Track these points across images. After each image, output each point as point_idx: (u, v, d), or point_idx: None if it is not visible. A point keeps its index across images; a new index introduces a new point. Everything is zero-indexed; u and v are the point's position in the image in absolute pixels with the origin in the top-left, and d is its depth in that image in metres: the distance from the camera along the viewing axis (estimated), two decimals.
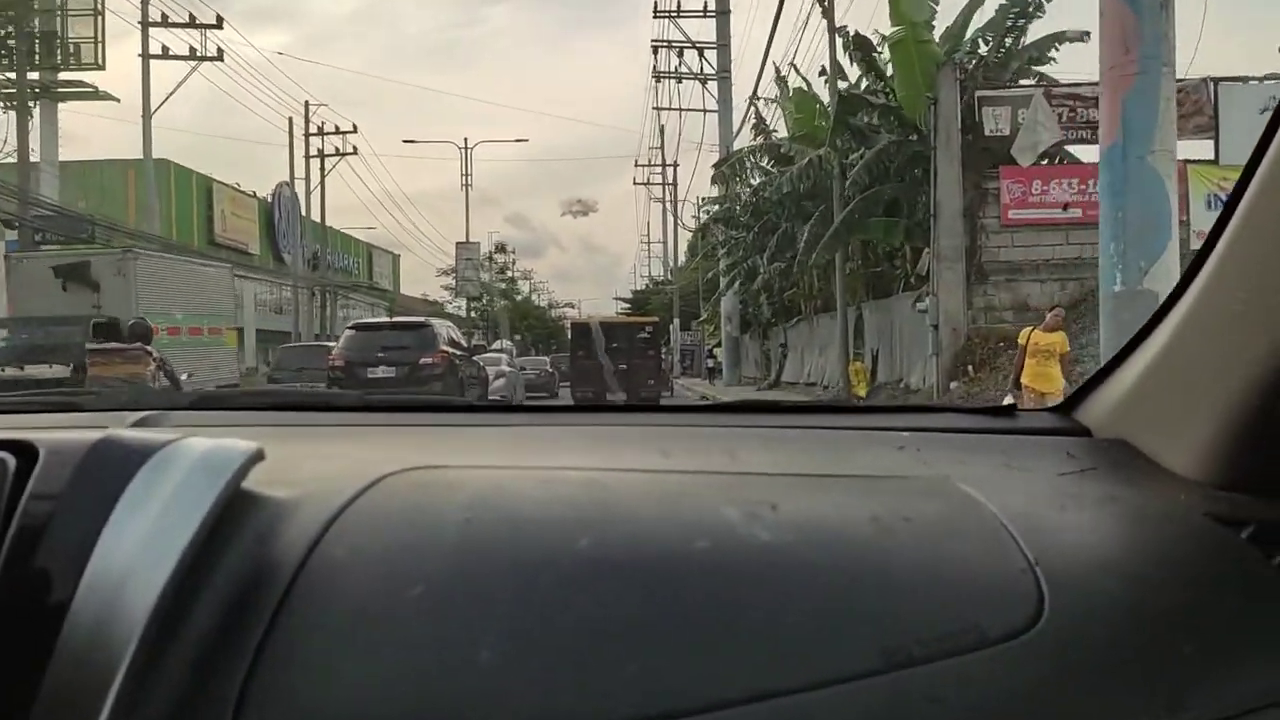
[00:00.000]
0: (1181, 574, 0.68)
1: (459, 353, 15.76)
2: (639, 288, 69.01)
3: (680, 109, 48.90)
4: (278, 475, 0.67)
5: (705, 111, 35.54)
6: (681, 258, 51.13)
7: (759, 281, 25.90)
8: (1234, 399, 0.75)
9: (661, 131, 48.18)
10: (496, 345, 42.09)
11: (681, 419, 1.27)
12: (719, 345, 34.69)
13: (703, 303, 41.39)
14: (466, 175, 57.10)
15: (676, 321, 47.39)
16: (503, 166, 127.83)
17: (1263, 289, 0.72)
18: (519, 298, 62.09)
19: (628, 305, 59.44)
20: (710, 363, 33.77)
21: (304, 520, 0.64)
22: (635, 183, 50.35)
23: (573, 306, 72.38)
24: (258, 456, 0.64)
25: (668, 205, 52.08)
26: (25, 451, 0.61)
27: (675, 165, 48.39)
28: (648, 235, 74.15)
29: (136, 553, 0.56)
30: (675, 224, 48.35)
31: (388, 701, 0.54)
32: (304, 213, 37.90)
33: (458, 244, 55.32)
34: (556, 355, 40.14)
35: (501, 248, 60.63)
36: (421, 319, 16.89)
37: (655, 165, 50.14)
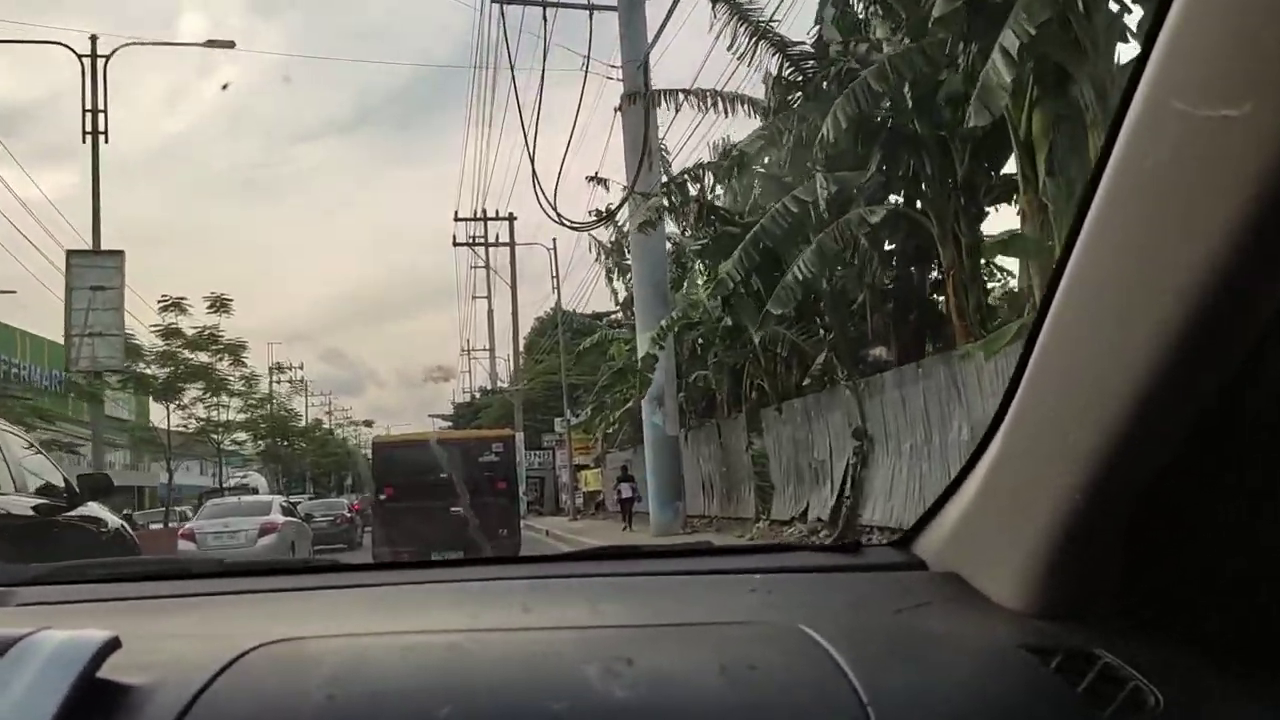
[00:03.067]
0: (996, 708, 0.72)
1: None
2: (462, 399, 55.81)
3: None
4: (134, 659, 0.65)
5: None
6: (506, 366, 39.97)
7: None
8: (1043, 532, 0.81)
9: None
10: (238, 481, 30.07)
11: (542, 569, 1.27)
12: (624, 465, 23.58)
13: (569, 405, 30.14)
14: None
15: (521, 436, 35.54)
16: (317, 302, 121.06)
17: (1061, 428, 0.77)
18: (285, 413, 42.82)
19: (449, 424, 46.41)
20: (625, 491, 22.26)
21: (159, 708, 0.62)
22: (455, 243, 38.64)
23: (369, 425, 57.79)
24: (113, 645, 0.63)
25: (493, 279, 41.59)
26: None
27: (512, 217, 37.40)
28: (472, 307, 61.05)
29: None
30: (515, 300, 36.85)
31: None
32: None
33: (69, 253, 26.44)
34: (366, 496, 27.76)
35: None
36: None
37: (480, 241, 39.10)
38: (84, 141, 20.41)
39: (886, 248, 13.75)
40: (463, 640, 0.78)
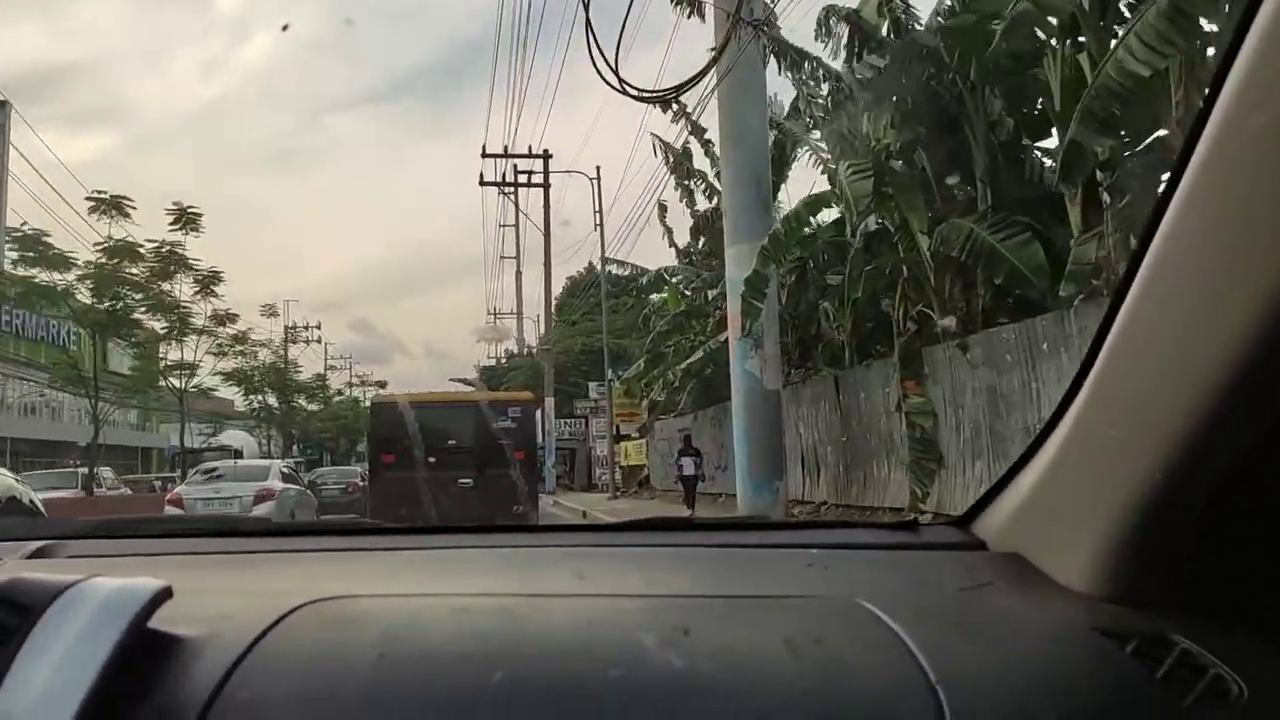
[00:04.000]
0: (1071, 691, 0.70)
1: None
2: (488, 363, 50.75)
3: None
4: (184, 611, 0.66)
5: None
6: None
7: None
8: (1116, 515, 0.80)
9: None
10: (222, 445, 25.54)
11: (595, 538, 1.31)
12: (685, 434, 18.41)
13: (610, 366, 25.18)
14: None
15: (551, 402, 30.56)
16: (346, 273, 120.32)
17: (1140, 410, 0.76)
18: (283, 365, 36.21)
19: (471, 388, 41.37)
20: (687, 466, 17.12)
21: (211, 660, 0.63)
22: (482, 182, 33.29)
23: (383, 385, 49.38)
24: (165, 594, 0.63)
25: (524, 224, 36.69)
26: None
27: (548, 155, 32.19)
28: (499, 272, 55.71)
29: (40, 699, 0.55)
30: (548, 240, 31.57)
31: None
32: None
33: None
34: None
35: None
36: None
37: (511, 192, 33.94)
38: None
39: None
40: (515, 604, 0.78)
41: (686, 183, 17.46)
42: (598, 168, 30.91)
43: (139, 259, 18.57)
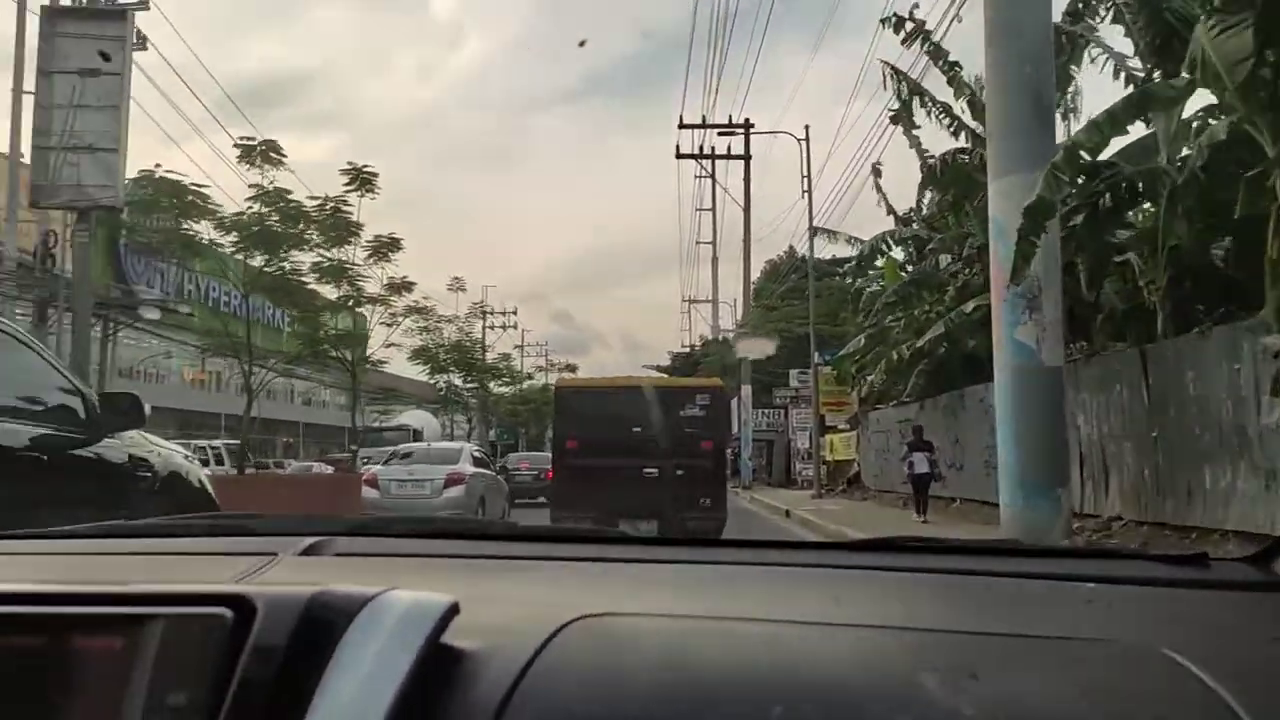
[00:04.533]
0: None
1: None
2: (683, 348, 48.59)
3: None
4: (464, 621, 0.68)
5: None
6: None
7: None
8: None
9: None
10: (401, 425, 24.32)
11: (841, 557, 1.19)
12: (916, 426, 15.54)
13: (816, 349, 22.36)
14: None
15: (747, 390, 27.90)
16: (548, 266, 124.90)
17: None
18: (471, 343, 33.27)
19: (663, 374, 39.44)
20: (918, 463, 14.25)
21: (493, 677, 0.65)
22: (679, 155, 30.95)
23: (573, 370, 48.01)
24: (454, 611, 0.66)
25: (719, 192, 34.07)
26: (242, 606, 0.62)
27: (749, 125, 29.46)
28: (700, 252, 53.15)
29: (348, 709, 0.58)
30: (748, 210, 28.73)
31: None
32: None
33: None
34: None
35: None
36: None
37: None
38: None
39: None
40: (782, 631, 0.76)
41: (916, 125, 14.42)
42: (806, 127, 27.53)
43: (306, 218, 16.93)
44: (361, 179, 17.45)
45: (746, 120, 30.05)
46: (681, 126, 30.59)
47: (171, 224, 16.67)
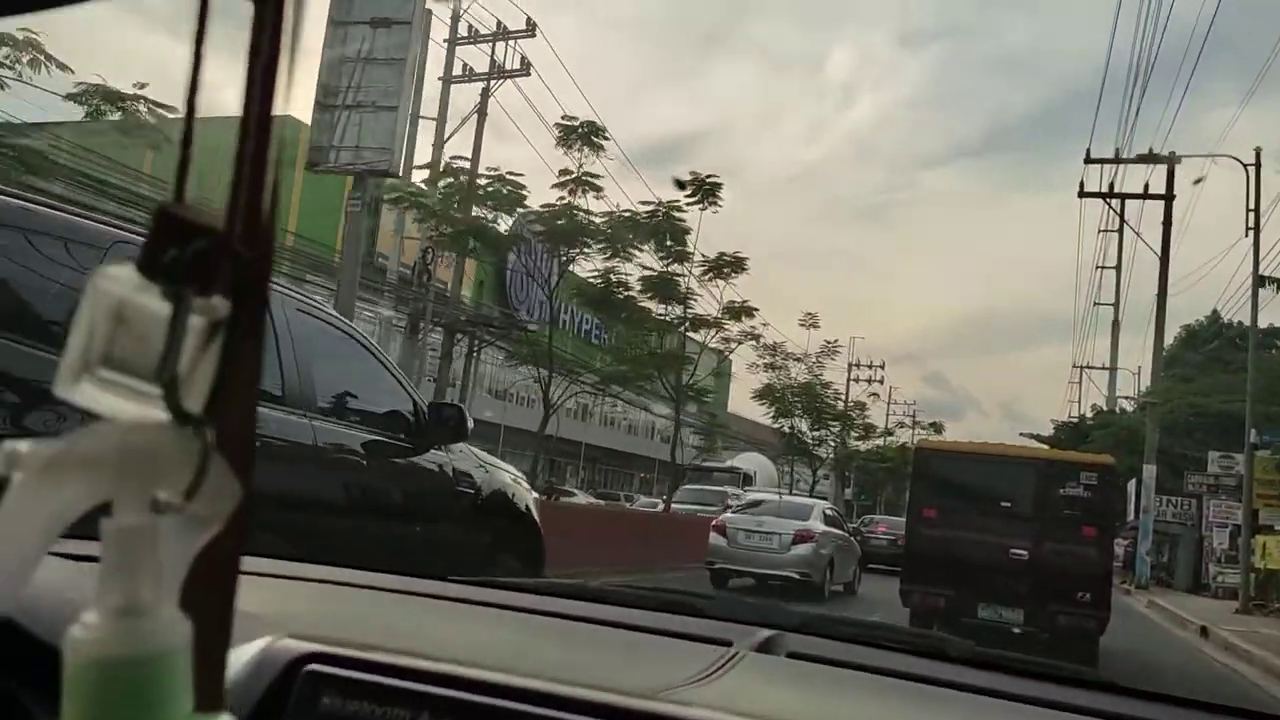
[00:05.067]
0: None
1: None
2: (1070, 418, 42.48)
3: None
4: None
5: None
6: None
7: None
8: None
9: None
10: (732, 467, 22.96)
11: None
12: None
13: (1252, 429, 18.02)
14: None
15: (1151, 472, 23.25)
16: (925, 326, 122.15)
17: None
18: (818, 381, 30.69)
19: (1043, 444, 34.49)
20: None
21: None
22: (1081, 194, 26.89)
23: (937, 429, 44.64)
24: None
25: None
26: None
27: (1174, 158, 24.93)
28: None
29: None
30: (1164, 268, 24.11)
31: None
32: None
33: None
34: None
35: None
36: None
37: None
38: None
39: None
40: None
41: None
42: (1257, 150, 22.56)
43: (636, 227, 15.61)
44: (704, 190, 15.96)
45: (1171, 153, 25.50)
46: (1088, 161, 26.70)
47: (487, 215, 15.91)
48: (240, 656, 0.68)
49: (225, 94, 0.36)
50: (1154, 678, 9.85)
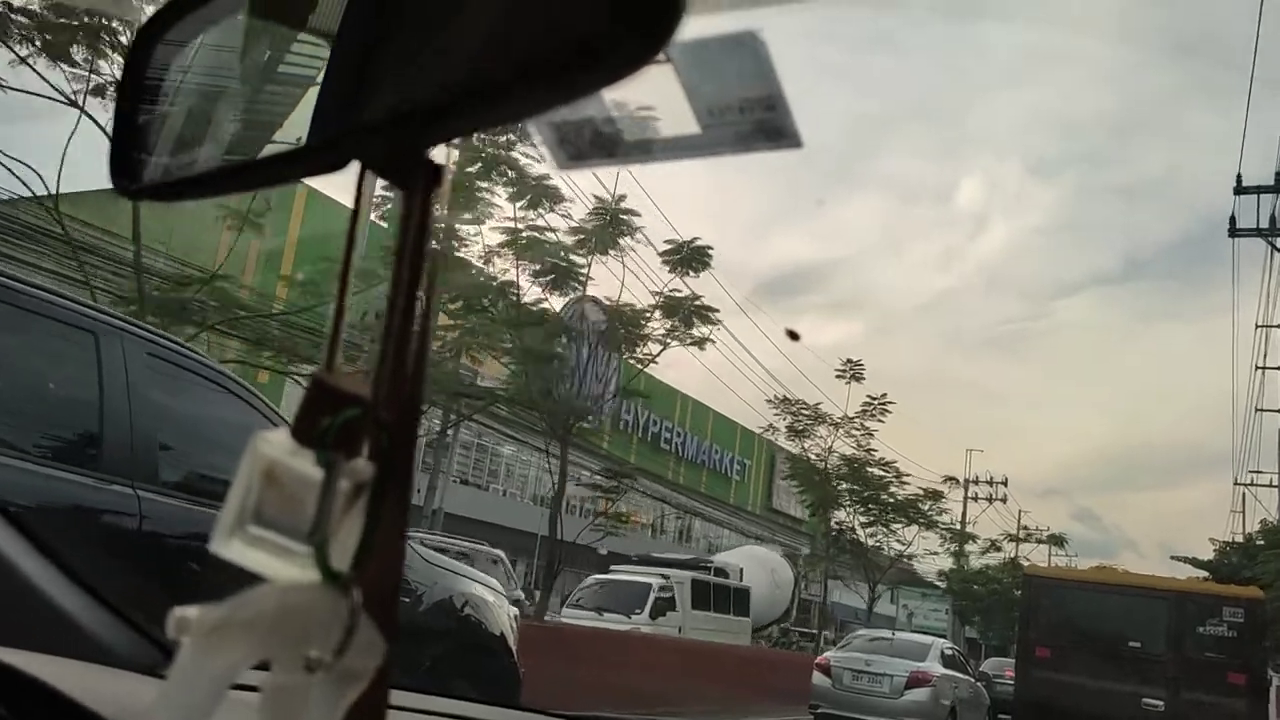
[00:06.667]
0: None
1: None
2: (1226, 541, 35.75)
3: None
4: None
5: None
6: None
7: None
8: None
9: None
10: (701, 561, 19.21)
11: None
12: None
13: None
14: None
15: None
16: (1070, 459, 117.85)
17: None
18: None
19: (1204, 576, 27.74)
20: None
21: None
22: (1232, 232, 24.39)
23: (1060, 544, 36.46)
24: None
25: None
26: None
27: None
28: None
29: None
30: None
31: None
32: None
33: None
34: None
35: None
36: None
37: None
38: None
39: None
40: None
41: None
42: None
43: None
44: (687, 255, 14.97)
45: None
46: (1238, 192, 24.38)
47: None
48: None
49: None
50: None
